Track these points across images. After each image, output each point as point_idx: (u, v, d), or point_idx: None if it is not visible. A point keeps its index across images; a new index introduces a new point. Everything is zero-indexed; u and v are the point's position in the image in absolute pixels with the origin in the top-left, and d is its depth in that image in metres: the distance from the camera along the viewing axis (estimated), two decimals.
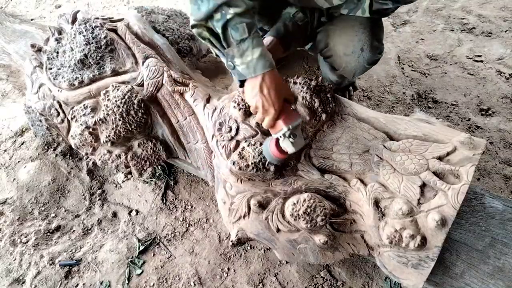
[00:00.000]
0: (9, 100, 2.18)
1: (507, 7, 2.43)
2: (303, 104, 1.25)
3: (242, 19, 0.97)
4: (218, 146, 1.27)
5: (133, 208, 1.69)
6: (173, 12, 1.77)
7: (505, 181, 1.65)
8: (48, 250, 1.56)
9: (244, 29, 0.97)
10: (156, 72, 1.42)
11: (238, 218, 1.22)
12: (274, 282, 1.43)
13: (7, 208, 1.70)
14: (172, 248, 1.55)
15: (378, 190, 1.11)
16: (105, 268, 1.51)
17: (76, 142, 1.48)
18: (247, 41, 0.98)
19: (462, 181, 1.03)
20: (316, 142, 1.25)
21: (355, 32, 1.32)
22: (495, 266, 1.04)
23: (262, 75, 0.99)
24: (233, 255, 1.51)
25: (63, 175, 1.80)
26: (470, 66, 2.14)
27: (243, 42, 0.98)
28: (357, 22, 1.32)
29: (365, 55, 1.34)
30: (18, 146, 1.92)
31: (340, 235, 1.16)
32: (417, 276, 1.04)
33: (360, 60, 1.36)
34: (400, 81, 2.12)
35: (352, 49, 1.34)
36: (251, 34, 0.98)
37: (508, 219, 1.09)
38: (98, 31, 1.47)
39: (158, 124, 1.45)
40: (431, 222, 1.00)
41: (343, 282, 1.41)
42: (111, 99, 1.39)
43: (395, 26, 2.45)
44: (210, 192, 1.69)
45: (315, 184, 1.18)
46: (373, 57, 1.37)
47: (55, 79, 1.51)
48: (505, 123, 1.86)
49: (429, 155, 1.10)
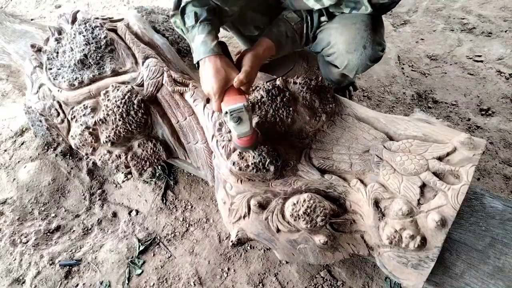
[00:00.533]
0: (9, 100, 2.18)
1: (507, 7, 2.43)
2: (303, 104, 1.25)
3: (193, 7, 1.13)
4: (218, 146, 1.27)
5: (133, 208, 1.69)
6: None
7: (505, 181, 1.65)
8: (48, 250, 1.56)
9: (193, 16, 1.12)
10: (156, 72, 1.42)
11: (238, 218, 1.22)
12: (274, 282, 1.43)
13: (7, 208, 1.70)
14: (172, 248, 1.55)
15: (378, 191, 1.11)
16: (105, 268, 1.51)
17: (76, 142, 1.48)
18: (196, 28, 1.13)
19: (462, 182, 1.03)
20: (316, 142, 1.25)
21: (357, 30, 1.32)
22: (495, 266, 1.04)
23: (204, 59, 1.10)
24: (233, 255, 1.51)
25: (63, 175, 1.80)
26: (470, 66, 2.14)
27: (193, 29, 1.13)
28: (358, 19, 1.32)
29: (367, 52, 1.34)
30: (18, 146, 1.92)
31: (340, 235, 1.16)
32: (417, 276, 1.04)
33: (363, 58, 1.36)
34: (400, 81, 2.12)
35: (354, 46, 1.34)
36: (198, 22, 1.12)
37: (508, 219, 1.09)
38: (98, 31, 1.47)
39: (158, 124, 1.45)
40: (431, 222, 1.00)
41: (343, 282, 1.41)
42: (111, 99, 1.39)
43: (395, 26, 2.45)
44: (210, 192, 1.69)
45: (315, 184, 1.18)
46: (376, 54, 1.37)
47: (55, 79, 1.51)
48: (505, 123, 1.86)
49: (429, 156, 1.11)
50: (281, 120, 1.23)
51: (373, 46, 1.33)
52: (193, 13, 1.12)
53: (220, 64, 1.09)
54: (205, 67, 1.10)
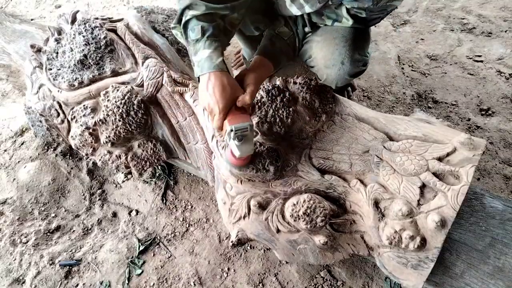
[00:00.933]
0: (9, 100, 2.18)
1: (507, 7, 2.43)
2: (303, 104, 1.25)
3: (199, 22, 1.08)
4: (218, 147, 1.27)
5: (133, 208, 1.69)
6: (173, 12, 1.77)
7: (505, 181, 1.65)
8: (48, 250, 1.56)
9: (199, 30, 1.08)
10: (156, 72, 1.41)
11: (238, 219, 1.22)
12: (274, 282, 1.43)
13: (7, 208, 1.70)
14: (172, 248, 1.55)
15: (378, 191, 1.11)
16: (105, 268, 1.51)
17: (76, 142, 1.48)
18: (201, 42, 1.08)
19: (462, 182, 1.03)
20: (316, 143, 1.25)
21: (335, 45, 1.32)
22: (495, 266, 1.04)
23: (208, 74, 1.06)
24: (233, 255, 1.51)
25: (63, 175, 1.80)
26: (470, 66, 2.14)
27: (198, 43, 1.09)
28: (339, 34, 1.32)
29: (345, 68, 1.35)
30: (18, 146, 1.92)
31: (340, 236, 1.16)
32: (417, 276, 1.04)
33: (341, 73, 1.36)
34: (400, 81, 2.12)
35: (332, 62, 1.35)
36: (205, 36, 1.08)
37: (508, 219, 1.09)
38: (98, 32, 1.47)
39: (158, 124, 1.45)
40: (431, 223, 1.00)
41: (343, 282, 1.41)
42: (111, 100, 1.39)
43: (395, 26, 2.45)
44: (210, 192, 1.69)
45: (315, 184, 1.18)
46: (355, 69, 1.37)
47: (55, 79, 1.51)
48: (505, 123, 1.86)
49: (429, 156, 1.10)
50: (281, 120, 1.23)
51: (351, 62, 1.34)
52: (200, 27, 1.08)
53: (227, 81, 1.05)
54: (210, 82, 1.05)
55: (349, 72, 1.37)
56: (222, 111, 1.04)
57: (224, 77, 1.05)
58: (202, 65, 1.07)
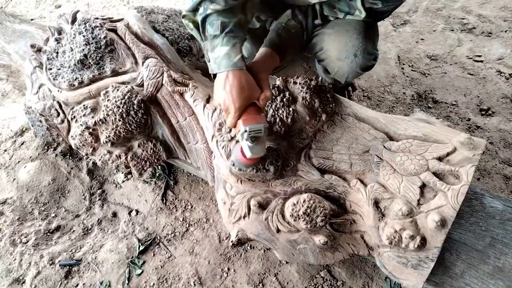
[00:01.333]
0: (9, 100, 2.18)
1: (507, 7, 2.43)
2: (303, 104, 1.25)
3: (219, 17, 1.06)
4: (218, 147, 1.27)
5: (133, 208, 1.69)
6: (173, 12, 1.76)
7: (505, 181, 1.65)
8: (48, 250, 1.56)
9: (219, 26, 1.05)
10: (156, 72, 1.41)
11: (238, 219, 1.22)
12: (274, 282, 1.43)
13: (7, 208, 1.70)
14: (172, 248, 1.55)
15: (378, 191, 1.11)
16: (105, 268, 1.51)
17: (76, 142, 1.48)
18: (219, 38, 1.06)
19: (462, 182, 1.03)
20: (316, 142, 1.25)
21: (349, 37, 1.32)
22: (495, 266, 1.04)
23: (226, 73, 1.04)
24: (233, 255, 1.51)
25: (63, 175, 1.80)
26: (470, 66, 2.14)
27: (216, 38, 1.06)
28: (351, 26, 1.32)
29: (358, 61, 1.35)
30: (18, 146, 1.92)
31: (340, 236, 1.16)
32: (417, 276, 1.04)
33: (353, 66, 1.36)
34: (400, 81, 2.12)
35: (345, 54, 1.34)
36: (224, 33, 1.05)
37: (508, 219, 1.09)
38: (98, 31, 1.47)
39: (158, 124, 1.45)
40: (431, 223, 1.00)
41: (343, 282, 1.41)
42: (111, 100, 1.39)
43: (395, 26, 2.45)
44: (210, 192, 1.69)
45: (315, 184, 1.18)
46: (367, 62, 1.37)
47: (55, 79, 1.51)
48: (505, 123, 1.86)
49: (429, 156, 1.11)
50: (281, 120, 1.23)
51: (364, 55, 1.34)
52: (219, 22, 1.06)
53: (245, 81, 1.04)
54: (228, 81, 1.03)
55: (361, 65, 1.36)
56: (238, 110, 1.03)
57: (242, 77, 1.04)
58: (220, 62, 1.05)
